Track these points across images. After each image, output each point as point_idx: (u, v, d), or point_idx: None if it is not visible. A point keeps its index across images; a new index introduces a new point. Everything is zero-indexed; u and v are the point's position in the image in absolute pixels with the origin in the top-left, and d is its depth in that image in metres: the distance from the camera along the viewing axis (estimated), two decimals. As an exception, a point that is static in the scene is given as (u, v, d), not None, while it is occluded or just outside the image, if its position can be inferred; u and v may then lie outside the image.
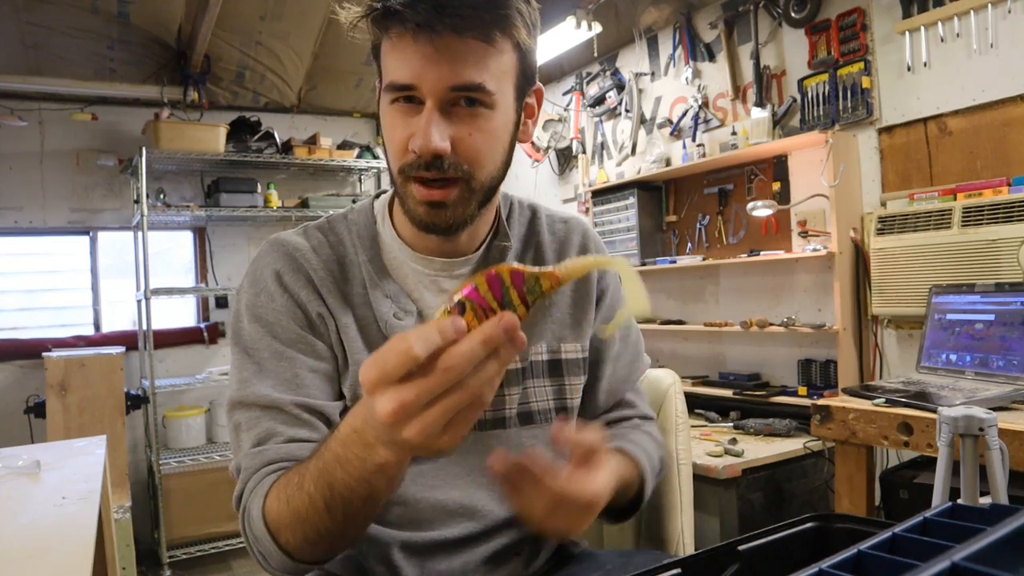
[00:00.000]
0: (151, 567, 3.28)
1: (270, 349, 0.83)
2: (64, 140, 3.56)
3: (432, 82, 0.71)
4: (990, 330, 1.83)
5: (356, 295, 0.86)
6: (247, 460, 0.79)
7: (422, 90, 0.72)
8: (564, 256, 0.97)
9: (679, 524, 1.13)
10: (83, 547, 0.86)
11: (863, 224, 2.43)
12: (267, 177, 3.88)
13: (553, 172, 3.94)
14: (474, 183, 0.76)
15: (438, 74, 0.71)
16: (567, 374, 0.92)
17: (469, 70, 0.71)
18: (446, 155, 0.73)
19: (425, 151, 0.72)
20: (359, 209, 0.93)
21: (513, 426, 0.89)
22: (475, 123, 0.74)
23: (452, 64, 0.71)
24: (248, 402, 0.81)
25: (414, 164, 0.74)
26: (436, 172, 0.74)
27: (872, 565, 0.46)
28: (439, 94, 0.72)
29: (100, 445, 1.44)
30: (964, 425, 1.06)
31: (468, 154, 0.74)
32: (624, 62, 3.45)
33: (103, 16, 3.11)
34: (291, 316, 0.84)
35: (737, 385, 2.77)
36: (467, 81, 0.71)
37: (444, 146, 0.72)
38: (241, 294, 0.88)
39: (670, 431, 1.16)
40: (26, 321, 3.56)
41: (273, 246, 0.88)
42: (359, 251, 0.88)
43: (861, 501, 1.80)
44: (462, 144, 0.74)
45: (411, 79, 0.72)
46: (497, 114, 0.75)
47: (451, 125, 0.73)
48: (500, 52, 0.73)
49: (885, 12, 2.37)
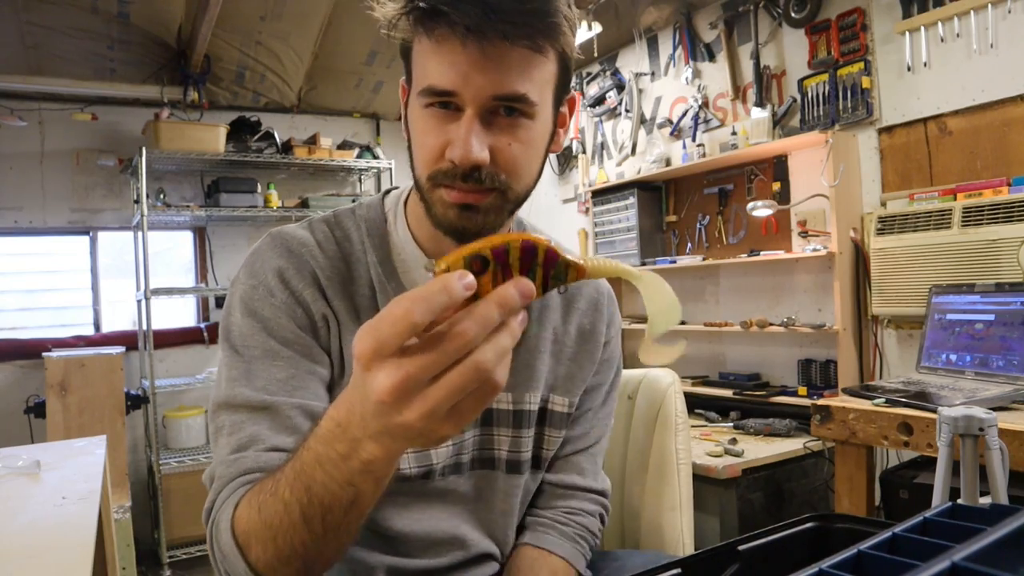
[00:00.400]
0: (151, 567, 3.27)
1: (263, 347, 0.76)
2: (64, 140, 3.56)
3: (476, 89, 0.66)
4: (990, 330, 1.83)
5: (362, 297, 0.82)
6: (222, 468, 0.71)
7: (463, 97, 0.67)
8: (573, 304, 0.93)
9: (679, 524, 1.13)
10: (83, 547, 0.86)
11: (863, 224, 2.43)
12: (267, 177, 3.88)
13: (553, 172, 3.94)
14: (510, 193, 0.72)
15: (483, 81, 0.66)
16: (549, 425, 0.91)
17: (515, 79, 0.67)
18: (485, 166, 0.69)
19: (465, 161, 0.68)
20: (368, 205, 0.88)
21: (501, 470, 0.88)
22: (515, 133, 0.70)
23: (499, 72, 0.66)
24: (234, 404, 0.74)
25: (448, 173, 0.70)
26: (473, 184, 0.70)
27: (872, 565, 0.46)
28: (481, 102, 0.67)
29: (100, 445, 1.44)
30: (964, 425, 1.06)
31: (506, 165, 0.70)
32: (624, 62, 3.45)
33: (103, 16, 3.10)
34: (291, 315, 0.78)
35: (737, 385, 2.77)
36: (512, 91, 0.67)
37: (484, 156, 0.68)
38: (236, 286, 0.81)
39: (669, 430, 1.16)
40: (26, 321, 3.56)
41: (275, 240, 0.82)
42: (368, 250, 0.83)
43: (861, 501, 1.80)
44: (501, 155, 0.70)
45: (453, 85, 0.67)
46: (537, 124, 0.71)
47: (490, 134, 0.69)
48: (545, 61, 0.69)
49: (885, 12, 2.37)
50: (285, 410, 0.73)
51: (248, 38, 3.44)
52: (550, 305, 0.91)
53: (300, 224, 0.85)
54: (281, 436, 0.72)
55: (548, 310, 0.91)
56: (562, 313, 0.92)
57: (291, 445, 0.71)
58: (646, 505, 1.16)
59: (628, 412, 1.22)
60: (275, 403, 0.73)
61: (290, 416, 0.73)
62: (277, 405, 0.73)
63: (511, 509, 0.91)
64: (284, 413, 0.73)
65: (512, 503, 0.90)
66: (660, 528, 1.13)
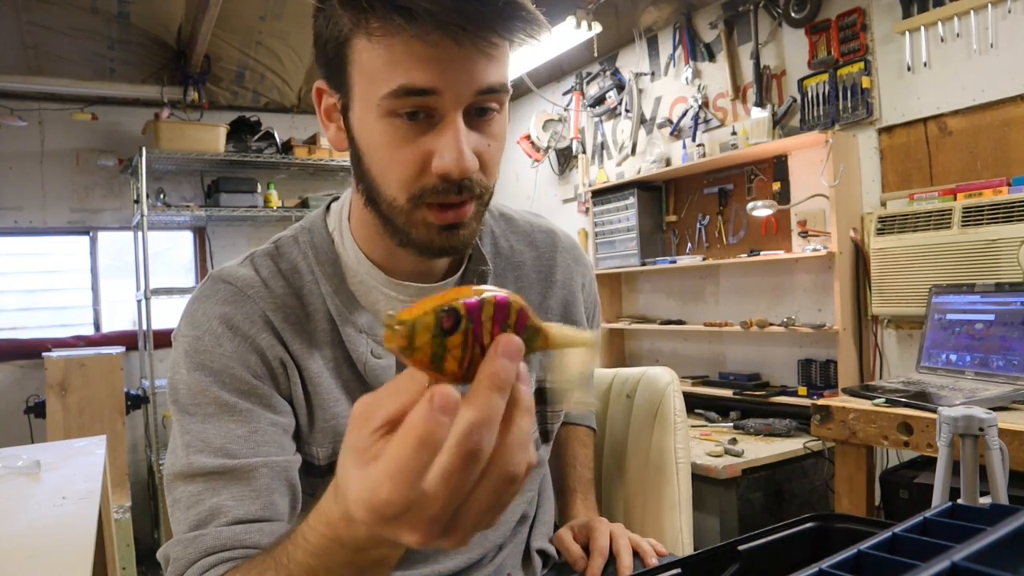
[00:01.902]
0: (151, 567, 3.27)
1: (217, 402, 0.67)
2: (64, 140, 3.56)
3: (459, 85, 0.59)
4: (990, 330, 1.83)
5: (321, 332, 0.73)
6: (178, 549, 0.62)
7: (445, 96, 0.59)
8: (551, 278, 0.89)
9: (679, 524, 1.12)
10: (83, 547, 0.86)
11: (863, 224, 2.43)
12: (267, 177, 3.88)
13: (553, 172, 3.94)
14: (487, 196, 0.67)
15: (468, 76, 0.59)
16: (551, 402, 0.90)
17: (493, 69, 0.60)
18: (476, 173, 0.63)
19: (463, 173, 0.61)
20: (310, 228, 0.79)
21: None
22: (491, 131, 0.64)
23: (480, 63, 0.59)
24: (190, 473, 0.65)
25: (436, 189, 0.63)
26: (467, 194, 0.63)
27: (872, 565, 0.46)
28: (462, 100, 0.60)
29: (100, 445, 1.44)
30: (964, 425, 1.06)
31: (487, 167, 0.65)
32: (624, 62, 3.45)
33: (103, 16, 3.11)
34: (244, 363, 0.69)
35: (737, 385, 2.77)
36: (494, 82, 0.61)
37: (474, 164, 0.62)
38: (178, 340, 0.72)
39: (668, 430, 1.15)
40: (26, 321, 3.56)
41: (216, 283, 0.73)
42: (320, 280, 0.75)
43: (861, 501, 1.80)
44: (483, 157, 0.64)
45: (434, 82, 0.59)
46: (504, 116, 0.66)
47: (472, 137, 0.62)
48: (506, 44, 0.62)
49: (885, 12, 2.36)
50: (249, 471, 0.65)
51: (248, 38, 3.44)
52: (527, 286, 0.88)
53: (240, 262, 0.77)
54: (245, 505, 0.64)
55: (526, 291, 0.87)
56: (541, 290, 0.89)
57: (258, 514, 0.64)
58: (646, 505, 1.16)
59: (627, 411, 1.22)
60: (237, 466, 0.65)
61: (255, 478, 0.65)
62: (239, 468, 0.65)
63: (531, 486, 0.92)
64: (248, 475, 0.65)
65: (530, 482, 0.92)
66: (660, 528, 1.13)
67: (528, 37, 0.61)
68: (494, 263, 0.84)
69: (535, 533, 0.95)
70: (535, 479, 0.93)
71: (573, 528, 0.96)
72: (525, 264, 0.88)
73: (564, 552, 0.94)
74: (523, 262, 0.88)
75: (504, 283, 0.85)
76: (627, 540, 0.91)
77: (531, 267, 0.88)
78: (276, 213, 3.67)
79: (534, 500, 0.95)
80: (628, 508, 1.20)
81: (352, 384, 0.75)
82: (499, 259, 0.86)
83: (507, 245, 0.87)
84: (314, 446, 0.74)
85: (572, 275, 0.92)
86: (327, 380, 0.73)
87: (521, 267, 0.88)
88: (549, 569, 0.95)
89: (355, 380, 0.75)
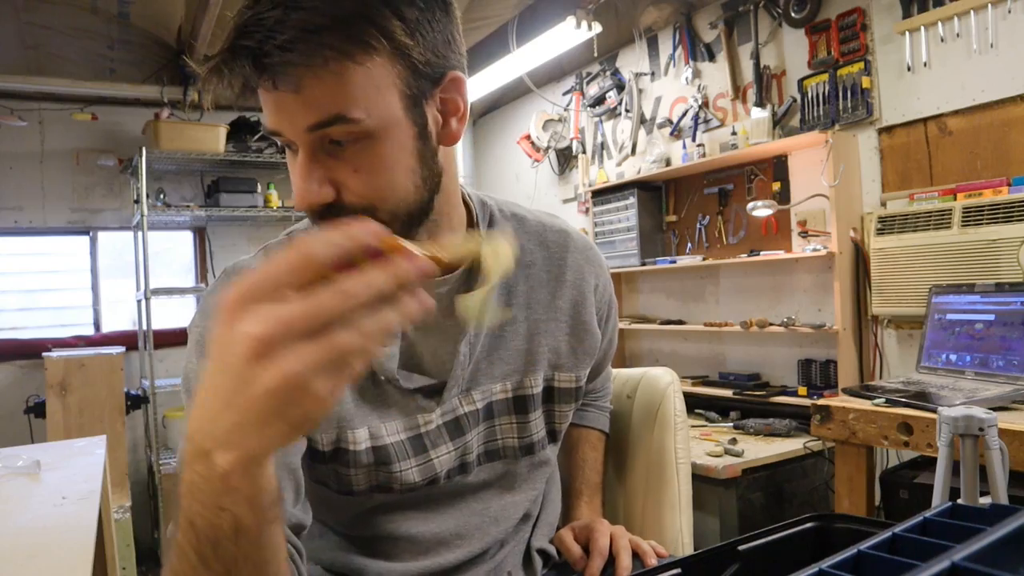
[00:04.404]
0: (151, 567, 3.27)
1: None
2: (64, 140, 3.56)
3: (289, 126, 0.63)
4: (990, 330, 1.83)
5: None
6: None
7: (288, 137, 0.64)
8: (561, 278, 0.90)
9: (679, 524, 1.12)
10: (83, 547, 0.86)
11: (863, 224, 2.43)
12: (267, 177, 3.88)
13: (553, 172, 3.94)
14: (380, 214, 0.66)
15: (289, 119, 0.63)
16: (558, 401, 0.91)
17: (322, 106, 0.61)
18: (332, 201, 0.65)
19: (303, 207, 0.65)
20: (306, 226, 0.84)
21: (512, 457, 0.89)
22: (355, 159, 0.65)
23: (303, 106, 0.62)
24: None
25: (312, 216, 0.67)
26: (331, 219, 0.66)
27: (872, 565, 0.46)
28: (301, 138, 0.64)
29: (100, 445, 1.44)
30: (964, 425, 1.06)
31: (360, 191, 0.65)
32: (624, 62, 3.45)
33: (103, 16, 3.11)
34: None
35: (737, 385, 2.77)
36: (320, 119, 0.62)
37: (322, 194, 0.64)
38: (191, 331, 0.75)
39: (669, 430, 1.15)
40: (26, 321, 3.56)
41: (228, 275, 0.79)
42: None
43: (861, 501, 1.80)
44: (348, 184, 0.65)
45: (273, 125, 0.64)
46: (383, 137, 0.65)
47: (331, 167, 0.65)
48: (365, 70, 0.62)
49: (885, 12, 2.36)
50: None
51: (248, 38, 3.43)
52: (537, 285, 0.89)
53: (252, 255, 0.82)
54: None
55: (536, 290, 0.89)
56: (551, 289, 0.90)
57: None
58: (646, 505, 1.16)
59: (627, 411, 1.22)
60: None
61: None
62: None
63: (536, 486, 0.92)
64: None
65: (535, 481, 0.92)
66: (660, 528, 1.13)
67: (369, 54, 0.61)
68: None
69: (537, 533, 0.95)
70: (541, 478, 0.93)
71: (574, 529, 0.97)
72: (535, 263, 0.89)
73: (564, 552, 0.94)
74: (533, 261, 0.89)
75: (513, 281, 0.87)
76: (627, 541, 0.91)
77: (541, 266, 0.89)
78: (276, 213, 3.67)
79: (539, 499, 0.96)
80: (628, 508, 1.20)
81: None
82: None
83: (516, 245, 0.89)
84: (317, 432, 0.76)
85: (583, 275, 0.92)
86: None
87: (531, 266, 0.89)
88: (549, 569, 0.96)
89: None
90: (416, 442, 0.80)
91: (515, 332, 0.86)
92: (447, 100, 0.70)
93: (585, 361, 0.92)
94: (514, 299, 0.87)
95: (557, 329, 0.89)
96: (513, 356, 0.86)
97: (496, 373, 0.85)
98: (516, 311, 0.87)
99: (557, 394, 0.90)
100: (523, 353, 0.87)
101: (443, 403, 0.81)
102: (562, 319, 0.90)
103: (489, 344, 0.84)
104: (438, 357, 0.81)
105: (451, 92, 0.70)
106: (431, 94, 0.68)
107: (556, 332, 0.89)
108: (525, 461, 0.89)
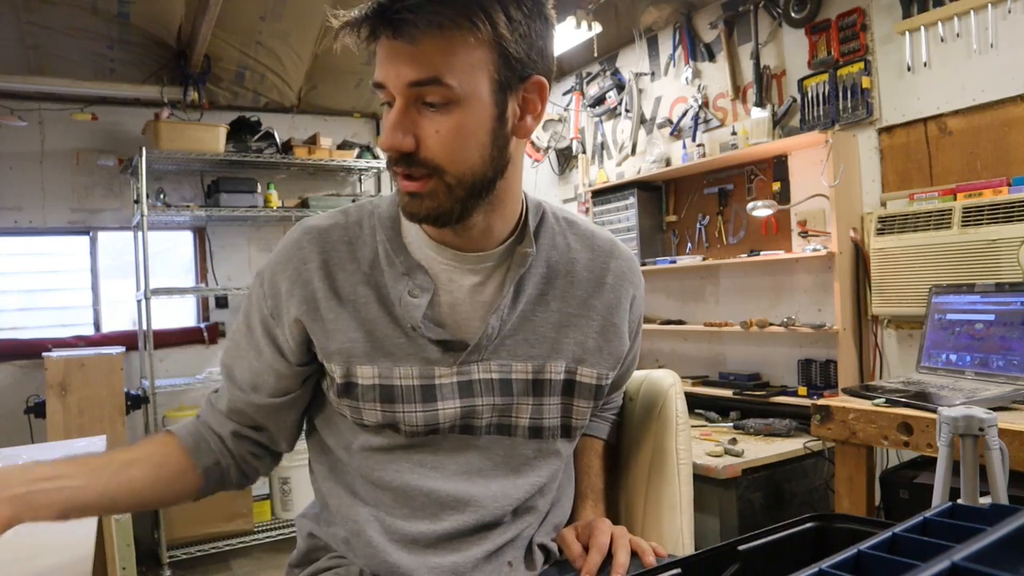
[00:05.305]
0: (151, 567, 3.27)
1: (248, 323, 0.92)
2: (64, 140, 3.56)
3: (394, 78, 0.74)
4: (990, 330, 1.83)
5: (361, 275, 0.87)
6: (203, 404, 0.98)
7: (390, 88, 0.75)
8: (601, 280, 0.95)
9: (679, 524, 1.13)
10: (83, 547, 0.86)
11: (863, 224, 2.43)
12: (267, 177, 3.88)
13: (553, 172, 3.94)
14: (447, 177, 0.77)
15: (396, 71, 0.74)
16: (577, 396, 0.92)
17: (428, 65, 0.73)
18: (411, 151, 0.76)
19: (385, 148, 0.77)
20: (387, 195, 0.95)
21: (520, 435, 0.90)
22: (441, 120, 0.75)
23: (412, 60, 0.73)
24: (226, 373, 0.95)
25: (389, 160, 0.79)
26: (404, 167, 0.77)
27: (872, 565, 0.46)
28: (401, 91, 0.74)
29: (100, 445, 1.44)
30: (964, 425, 1.06)
31: (436, 150, 0.76)
32: (624, 62, 3.45)
33: (103, 16, 3.10)
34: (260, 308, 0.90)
35: (737, 385, 2.77)
36: (424, 76, 0.73)
37: (404, 143, 0.75)
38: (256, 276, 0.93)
39: (670, 431, 1.15)
40: (26, 321, 3.56)
41: (305, 233, 0.90)
42: (377, 230, 0.89)
43: (861, 501, 1.80)
44: (428, 141, 0.76)
45: (380, 77, 0.76)
46: (468, 109, 0.75)
47: (418, 123, 0.75)
48: (469, 47, 0.73)
49: (885, 12, 2.37)
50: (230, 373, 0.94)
51: (248, 38, 3.44)
52: (576, 282, 0.93)
53: (330, 214, 0.93)
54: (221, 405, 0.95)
55: (574, 286, 0.92)
56: (589, 288, 0.94)
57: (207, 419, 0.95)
58: (646, 505, 1.16)
59: (629, 412, 1.22)
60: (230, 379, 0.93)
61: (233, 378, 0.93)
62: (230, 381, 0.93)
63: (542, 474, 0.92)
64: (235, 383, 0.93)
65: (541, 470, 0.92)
66: (660, 528, 1.13)
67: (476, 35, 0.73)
68: (548, 254, 0.92)
69: (541, 531, 0.96)
70: (547, 468, 0.94)
71: (576, 527, 0.97)
72: (578, 261, 0.94)
73: (565, 549, 0.95)
74: (576, 259, 0.94)
75: (555, 274, 0.92)
76: (627, 540, 0.92)
77: (584, 265, 0.94)
78: (276, 213, 3.67)
79: (547, 495, 0.96)
80: (629, 508, 1.20)
81: (378, 320, 0.86)
82: (554, 251, 0.93)
83: (563, 242, 0.94)
84: (332, 363, 0.86)
85: (623, 284, 0.97)
86: (349, 312, 0.86)
87: (573, 263, 0.94)
88: (550, 565, 0.96)
89: (382, 317, 0.86)
90: (427, 391, 0.85)
91: (545, 320, 0.90)
92: (528, 99, 0.80)
93: (610, 361, 0.94)
94: (551, 289, 0.91)
95: (587, 325, 0.92)
96: (539, 341, 0.89)
97: (519, 353, 0.88)
98: (551, 301, 0.91)
99: (577, 388, 0.92)
100: (549, 340, 0.90)
101: (460, 363, 0.86)
102: (594, 317, 0.93)
103: (518, 324, 0.88)
104: (469, 324, 0.87)
105: (533, 93, 0.80)
106: (516, 88, 0.78)
107: (586, 328, 0.92)
108: (533, 444, 0.91)
